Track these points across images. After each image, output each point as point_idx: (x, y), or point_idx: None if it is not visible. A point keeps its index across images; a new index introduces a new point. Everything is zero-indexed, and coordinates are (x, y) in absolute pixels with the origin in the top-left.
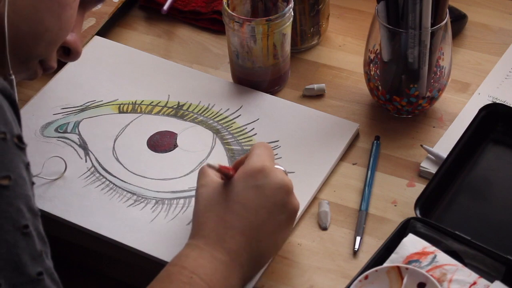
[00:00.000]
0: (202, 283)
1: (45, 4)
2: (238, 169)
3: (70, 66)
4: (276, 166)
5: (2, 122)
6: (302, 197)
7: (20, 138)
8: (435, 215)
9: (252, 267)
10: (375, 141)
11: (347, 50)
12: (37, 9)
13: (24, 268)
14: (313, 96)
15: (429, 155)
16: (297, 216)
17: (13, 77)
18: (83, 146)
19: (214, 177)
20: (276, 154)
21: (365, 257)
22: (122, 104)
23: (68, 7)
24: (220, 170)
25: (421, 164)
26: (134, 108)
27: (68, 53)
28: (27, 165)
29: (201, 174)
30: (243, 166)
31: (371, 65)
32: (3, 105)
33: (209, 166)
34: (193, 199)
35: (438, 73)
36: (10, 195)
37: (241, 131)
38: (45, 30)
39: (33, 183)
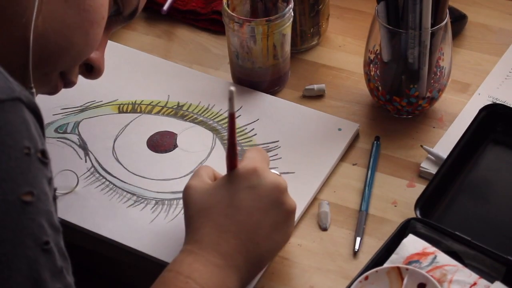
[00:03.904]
0: (198, 287)
1: (75, 19)
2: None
3: None
4: (271, 170)
5: (27, 137)
6: (302, 197)
7: (44, 152)
8: (435, 215)
9: (251, 268)
10: (375, 142)
11: (347, 51)
12: (67, 24)
13: (44, 285)
14: (313, 97)
15: (429, 155)
16: (297, 216)
17: (34, 90)
18: (83, 146)
19: (206, 179)
20: (276, 155)
21: (365, 257)
22: (122, 104)
23: (96, 24)
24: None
25: (421, 165)
26: (134, 108)
27: (91, 71)
28: (50, 180)
29: (194, 174)
30: (234, 169)
31: (371, 65)
32: (28, 119)
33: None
34: None
35: (438, 74)
36: (33, 211)
37: (241, 131)
38: (71, 45)
39: (55, 198)
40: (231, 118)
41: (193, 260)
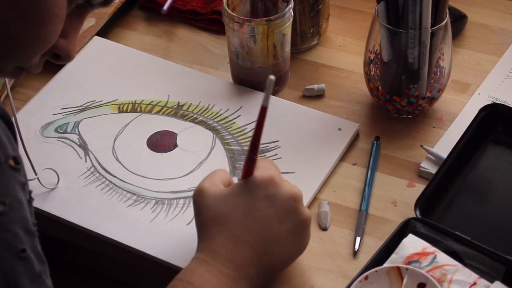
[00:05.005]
0: None
1: (23, 21)
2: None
3: (70, 67)
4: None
5: None
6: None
7: (15, 158)
8: (435, 215)
9: (263, 279)
10: (375, 142)
11: (347, 51)
12: (13, 26)
13: None
14: (313, 96)
15: (429, 155)
16: None
17: None
18: (83, 146)
19: (219, 183)
20: (276, 154)
21: (365, 257)
22: (122, 104)
23: (48, 24)
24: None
25: (421, 165)
26: (134, 107)
27: (58, 57)
28: (24, 185)
29: (207, 177)
30: (251, 177)
31: (371, 65)
32: None
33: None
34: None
35: (438, 74)
36: (5, 221)
37: (241, 131)
38: (19, 46)
39: (30, 201)
40: (262, 113)
41: (206, 270)
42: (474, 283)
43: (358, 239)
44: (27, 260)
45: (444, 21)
